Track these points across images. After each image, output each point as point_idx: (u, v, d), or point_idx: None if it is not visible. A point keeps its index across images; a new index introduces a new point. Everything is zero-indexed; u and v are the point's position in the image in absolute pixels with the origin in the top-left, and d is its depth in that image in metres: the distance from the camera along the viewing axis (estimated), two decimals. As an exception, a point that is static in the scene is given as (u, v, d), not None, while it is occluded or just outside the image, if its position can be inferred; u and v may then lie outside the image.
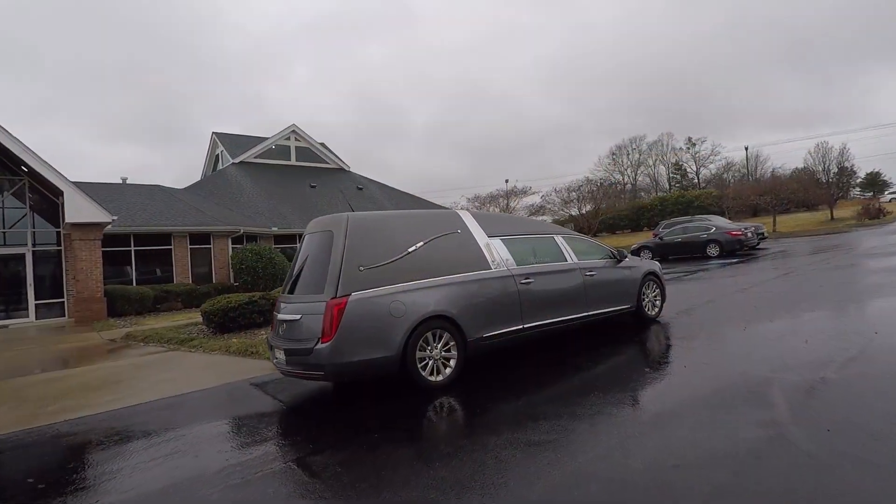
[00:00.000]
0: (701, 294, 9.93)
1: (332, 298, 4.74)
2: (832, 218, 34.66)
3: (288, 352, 5.00)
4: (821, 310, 7.15)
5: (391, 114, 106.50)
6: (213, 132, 32.23)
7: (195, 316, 12.56)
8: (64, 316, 16.44)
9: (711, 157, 62.08)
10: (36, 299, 16.27)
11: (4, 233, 16.15)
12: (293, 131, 30.80)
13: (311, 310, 4.87)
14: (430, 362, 5.06)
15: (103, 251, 16.61)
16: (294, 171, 29.75)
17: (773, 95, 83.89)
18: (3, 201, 16.22)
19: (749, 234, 19.29)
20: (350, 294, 4.78)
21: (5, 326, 15.24)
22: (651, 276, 7.69)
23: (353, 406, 4.89)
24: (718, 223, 20.88)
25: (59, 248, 16.82)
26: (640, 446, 3.29)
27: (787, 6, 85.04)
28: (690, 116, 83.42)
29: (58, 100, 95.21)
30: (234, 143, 30.82)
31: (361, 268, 4.95)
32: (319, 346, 4.68)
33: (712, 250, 19.01)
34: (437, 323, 5.11)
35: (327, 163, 32.07)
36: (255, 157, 29.34)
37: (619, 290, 7.14)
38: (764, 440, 3.20)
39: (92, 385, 6.62)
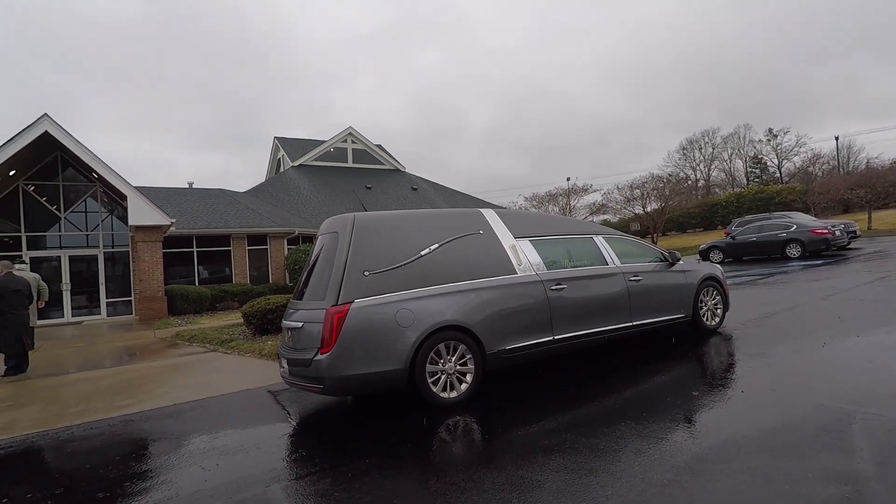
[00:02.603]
0: (775, 301, 8.76)
1: (333, 306, 4.37)
2: (941, 214, 30.64)
3: (290, 361, 4.69)
4: (924, 323, 5.97)
5: (450, 115, 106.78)
6: (274, 137, 33.41)
7: (245, 316, 12.74)
8: (131, 314, 17.41)
9: (796, 150, 56.75)
10: (107, 297, 17.36)
11: (86, 235, 17.36)
12: (350, 133, 31.27)
13: (313, 318, 4.53)
14: (443, 377, 4.57)
15: (169, 252, 17.49)
16: (350, 173, 30.18)
17: (862, 81, 75.54)
18: (84, 205, 17.46)
19: (837, 233, 17.19)
20: (353, 301, 4.39)
21: (79, 322, 16.34)
22: (710, 280, 6.78)
23: (360, 422, 4.49)
24: (800, 220, 18.81)
25: (127, 249, 17.84)
26: (666, 502, 2.63)
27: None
28: (766, 107, 76.98)
29: (149, 113, 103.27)
30: (295, 146, 31.75)
31: (366, 272, 4.54)
32: (319, 357, 4.32)
33: (793, 251, 17.13)
34: (451, 334, 4.62)
35: (383, 164, 32.31)
36: (313, 160, 30.07)
37: (671, 298, 6.32)
38: (835, 502, 2.45)
39: (119, 387, 6.68)
